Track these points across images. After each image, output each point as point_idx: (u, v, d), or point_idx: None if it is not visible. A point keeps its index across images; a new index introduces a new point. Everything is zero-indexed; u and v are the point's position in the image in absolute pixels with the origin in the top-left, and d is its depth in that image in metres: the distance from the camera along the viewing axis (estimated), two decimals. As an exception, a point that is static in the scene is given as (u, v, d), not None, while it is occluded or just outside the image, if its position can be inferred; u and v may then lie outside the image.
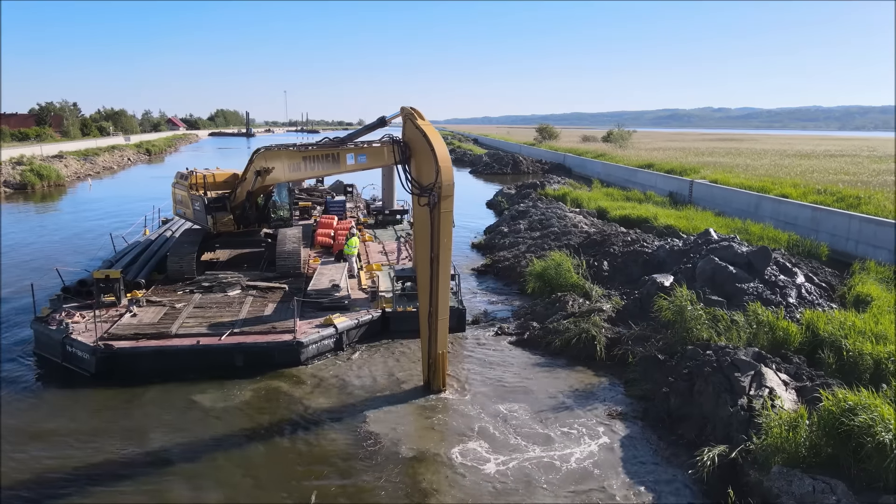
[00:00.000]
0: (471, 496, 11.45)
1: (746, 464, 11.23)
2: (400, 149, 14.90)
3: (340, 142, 17.32)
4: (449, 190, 14.07)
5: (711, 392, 13.37)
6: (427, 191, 14.31)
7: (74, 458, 12.63)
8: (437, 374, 15.65)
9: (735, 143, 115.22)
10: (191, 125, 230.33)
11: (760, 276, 19.33)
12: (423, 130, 14.26)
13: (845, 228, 30.07)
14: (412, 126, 14.66)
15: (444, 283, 14.90)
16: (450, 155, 14.85)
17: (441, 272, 14.71)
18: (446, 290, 15.19)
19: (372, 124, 16.34)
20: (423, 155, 14.40)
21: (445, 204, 14.18)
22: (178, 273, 21.97)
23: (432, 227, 14.38)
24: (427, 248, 14.77)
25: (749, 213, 36.99)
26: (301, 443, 13.43)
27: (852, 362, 14.14)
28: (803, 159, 65.11)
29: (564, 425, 14.11)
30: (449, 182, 14.02)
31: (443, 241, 14.40)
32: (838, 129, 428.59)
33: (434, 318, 15.15)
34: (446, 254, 14.65)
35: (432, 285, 14.93)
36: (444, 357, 15.66)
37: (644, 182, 53.52)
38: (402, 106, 15.11)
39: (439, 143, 14.14)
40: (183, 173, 25.00)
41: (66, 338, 16.85)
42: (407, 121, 14.91)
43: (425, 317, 15.40)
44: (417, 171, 14.79)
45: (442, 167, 13.89)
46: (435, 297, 14.98)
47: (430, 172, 14.16)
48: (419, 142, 14.48)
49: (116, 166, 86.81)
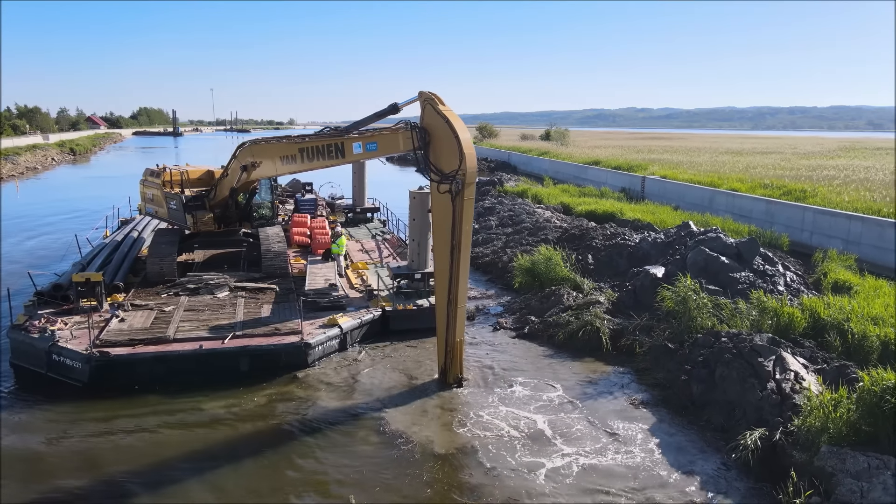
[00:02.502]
0: (519, 494, 11.32)
1: (788, 445, 11.59)
2: (419, 135, 14.55)
3: (344, 130, 16.59)
4: (473, 177, 13.97)
5: (735, 377, 13.76)
6: (449, 178, 14.11)
7: (88, 487, 11.70)
8: (455, 363, 15.54)
9: (665, 141, 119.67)
10: (112, 124, 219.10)
11: (749, 265, 20.10)
12: (446, 116, 14.00)
13: (799, 220, 31.72)
14: (432, 111, 14.32)
15: (464, 270, 14.86)
16: (392, 156, 14.68)
17: (462, 260, 14.64)
18: (466, 277, 15.11)
19: (382, 111, 15.65)
20: (445, 141, 14.13)
21: (469, 191, 14.10)
22: (158, 275, 20.80)
23: (454, 214, 14.21)
24: (445, 235, 14.62)
25: (703, 206, 38.45)
26: (327, 445, 12.99)
27: (857, 344, 14.88)
28: (736, 156, 68.26)
29: (593, 416, 14.20)
30: (473, 169, 13.90)
31: (464, 228, 14.33)
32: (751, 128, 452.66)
33: (453, 306, 15.03)
34: (467, 241, 14.60)
35: (452, 273, 14.79)
36: (461, 345, 15.55)
37: (595, 179, 54.79)
38: (421, 91, 14.77)
39: (463, 130, 13.94)
40: (154, 170, 23.71)
41: (53, 346, 15.63)
42: (427, 105, 14.53)
43: (443, 305, 15.25)
44: (436, 157, 14.49)
45: (466, 154, 13.72)
46: (455, 284, 14.85)
47: (451, 159, 13.96)
48: (441, 128, 14.17)
49: (41, 167, 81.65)
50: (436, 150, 14.50)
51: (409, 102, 15.33)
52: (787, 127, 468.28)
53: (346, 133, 16.49)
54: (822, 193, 35.06)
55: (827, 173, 45.47)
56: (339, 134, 16.62)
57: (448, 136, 13.96)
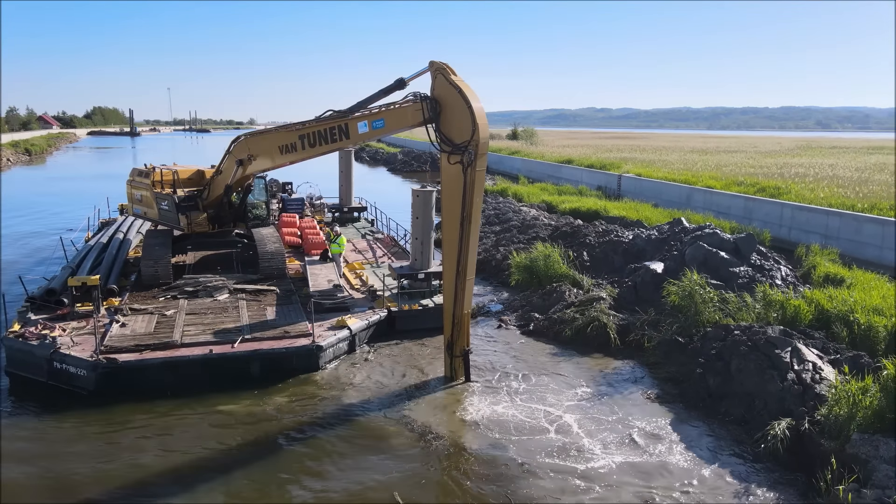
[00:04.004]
0: (561, 492, 11.34)
1: (815, 434, 11.87)
2: (429, 106, 14.42)
3: (348, 111, 16.03)
4: (485, 147, 13.98)
5: (753, 369, 14.03)
6: (461, 148, 14.03)
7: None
8: (462, 335, 15.59)
9: (630, 140, 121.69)
10: (66, 123, 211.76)
11: (747, 260, 20.54)
12: (458, 86, 13.90)
13: (778, 216, 32.57)
14: (444, 81, 14.17)
15: (473, 242, 14.93)
16: (362, 154, 14.57)
17: (472, 231, 14.69)
18: (475, 249, 15.20)
19: (389, 87, 15.29)
20: (457, 112, 14.02)
21: (481, 162, 14.09)
22: (153, 278, 20.17)
23: (465, 185, 14.18)
24: (454, 207, 14.60)
25: (681, 204, 39.20)
26: (360, 443, 12.87)
27: (863, 335, 15.33)
28: (703, 155, 69.79)
29: (613, 411, 14.31)
30: (486, 139, 13.91)
31: (475, 200, 14.35)
32: (707, 128, 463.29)
33: (462, 278, 15.09)
34: (478, 213, 14.66)
35: (461, 245, 14.80)
36: (468, 318, 15.66)
37: (570, 177, 55.35)
38: (432, 60, 14.58)
39: (476, 99, 13.87)
40: (141, 170, 23.00)
41: (55, 353, 15.00)
42: (438, 75, 14.34)
43: (450, 278, 15.30)
44: (447, 128, 14.38)
45: (480, 124, 13.67)
46: (465, 256, 14.90)
47: (463, 130, 13.92)
48: (452, 98, 14.03)
49: (-6, 168, 78.50)
50: (447, 121, 14.36)
51: (417, 75, 15.00)
52: (740, 127, 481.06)
53: (349, 113, 15.97)
54: (795, 190, 36.07)
55: (795, 171, 46.83)
56: (343, 115, 16.04)
57: (461, 106, 13.88)
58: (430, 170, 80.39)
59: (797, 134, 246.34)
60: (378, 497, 11.03)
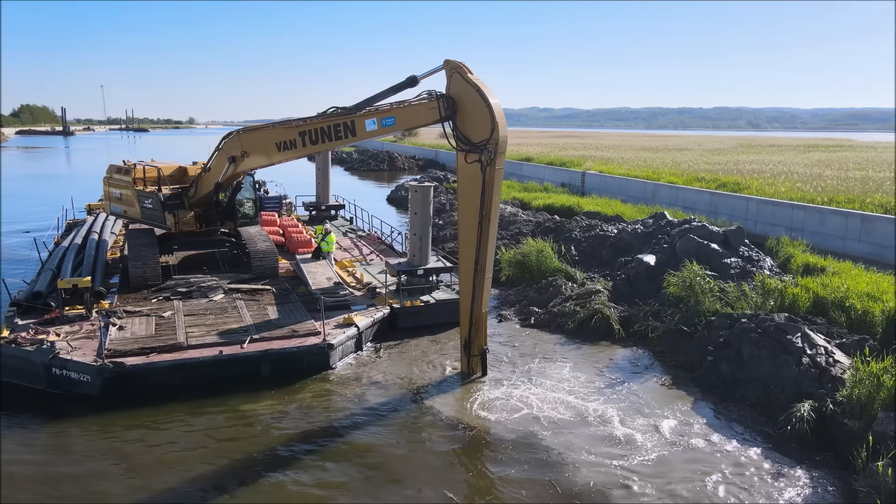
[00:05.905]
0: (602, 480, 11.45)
1: (836, 415, 12.35)
2: (446, 104, 14.31)
3: (354, 108, 15.73)
4: (504, 145, 14.05)
5: (766, 355, 14.49)
6: (479, 147, 14.02)
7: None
8: (480, 334, 15.57)
9: (578, 139, 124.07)
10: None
11: (736, 252, 21.22)
12: (476, 85, 13.91)
13: (743, 210, 33.78)
14: (461, 80, 14.13)
15: (492, 240, 14.99)
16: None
17: (491, 230, 14.76)
18: (493, 247, 15.24)
19: (400, 84, 15.06)
20: (474, 110, 14.03)
21: (500, 160, 14.16)
22: (142, 279, 19.29)
23: (484, 184, 14.19)
24: (471, 206, 14.60)
25: (647, 199, 40.18)
26: (394, 439, 12.73)
27: (860, 319, 16.05)
28: (655, 153, 71.84)
29: (632, 399, 14.54)
30: (505, 136, 13.99)
31: (494, 198, 14.41)
32: (645, 127, 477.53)
33: (480, 276, 15.08)
34: (496, 211, 14.72)
35: (479, 243, 14.79)
36: (485, 317, 15.66)
37: (532, 175, 55.95)
38: (447, 59, 14.49)
39: (493, 98, 13.90)
40: (120, 167, 21.96)
41: (54, 359, 14.14)
42: (454, 74, 14.27)
43: (468, 276, 15.27)
44: (463, 127, 14.38)
45: (499, 122, 13.75)
46: (483, 254, 14.91)
47: (481, 129, 13.95)
48: (470, 96, 14.02)
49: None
50: (463, 120, 14.36)
51: (431, 73, 14.84)
52: (677, 126, 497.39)
53: (356, 110, 15.68)
54: (755, 185, 37.53)
55: (749, 167, 48.70)
56: (349, 111, 15.76)
57: (479, 105, 13.90)
58: (388, 169, 80.00)
59: (732, 133, 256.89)
60: (431, 497, 10.84)
